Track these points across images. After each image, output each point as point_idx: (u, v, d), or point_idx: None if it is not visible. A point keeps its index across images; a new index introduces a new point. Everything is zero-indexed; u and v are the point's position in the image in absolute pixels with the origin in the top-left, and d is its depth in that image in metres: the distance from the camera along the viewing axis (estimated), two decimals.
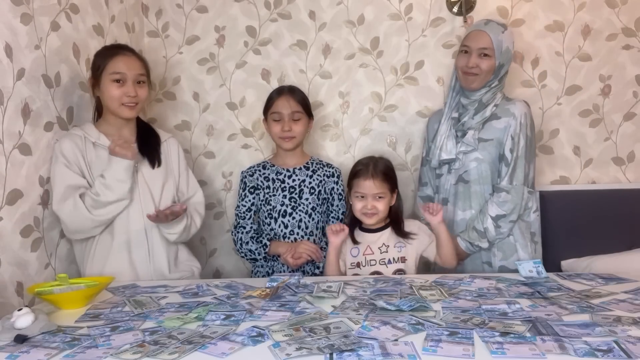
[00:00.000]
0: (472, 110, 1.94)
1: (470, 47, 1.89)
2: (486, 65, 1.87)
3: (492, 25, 1.90)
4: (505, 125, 1.89)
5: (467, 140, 1.91)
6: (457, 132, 1.96)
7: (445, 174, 1.99)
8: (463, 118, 1.95)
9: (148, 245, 1.77)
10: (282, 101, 2.00)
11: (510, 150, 1.88)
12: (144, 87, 1.78)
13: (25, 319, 1.17)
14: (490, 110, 1.92)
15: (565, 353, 0.97)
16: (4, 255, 1.51)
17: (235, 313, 1.26)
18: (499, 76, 1.92)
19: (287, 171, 2.05)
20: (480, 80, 1.89)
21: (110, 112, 1.76)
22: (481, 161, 1.91)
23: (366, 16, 2.40)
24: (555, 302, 1.29)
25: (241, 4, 2.44)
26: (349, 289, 1.47)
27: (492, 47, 1.86)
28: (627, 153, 2.36)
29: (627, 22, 2.30)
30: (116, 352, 1.04)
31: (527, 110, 1.92)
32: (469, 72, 1.89)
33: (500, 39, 1.87)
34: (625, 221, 2.21)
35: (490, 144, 1.90)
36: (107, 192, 1.65)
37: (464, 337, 1.06)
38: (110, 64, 1.71)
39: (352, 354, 0.99)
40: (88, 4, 1.98)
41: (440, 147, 1.96)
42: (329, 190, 2.06)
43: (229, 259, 2.53)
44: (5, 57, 1.53)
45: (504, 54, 1.88)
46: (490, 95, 1.93)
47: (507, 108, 1.91)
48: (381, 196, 1.77)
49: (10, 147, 1.55)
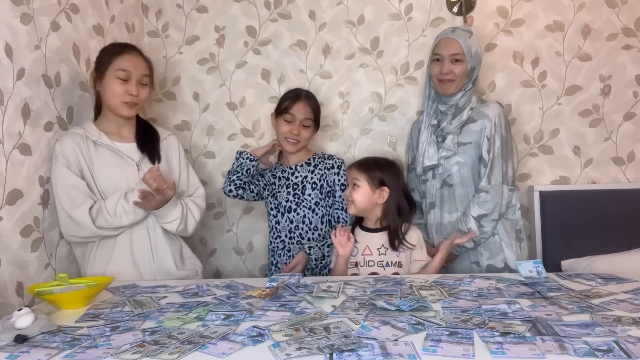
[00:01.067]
0: (450, 115, 2.00)
1: (442, 55, 1.96)
2: (459, 70, 1.95)
3: (458, 32, 1.98)
4: (480, 127, 1.95)
5: (447, 146, 1.98)
6: (438, 137, 2.02)
7: (430, 179, 2.05)
8: (442, 124, 2.01)
9: (151, 244, 1.77)
10: (299, 105, 2.07)
11: (487, 151, 1.93)
12: (145, 88, 1.79)
13: (25, 319, 1.17)
14: (466, 113, 1.98)
15: (565, 353, 0.97)
16: (4, 255, 1.51)
17: (235, 313, 1.26)
18: (472, 79, 1.99)
19: (290, 169, 2.12)
20: (456, 85, 1.97)
21: (110, 110, 1.76)
22: (462, 164, 1.97)
23: (366, 16, 2.40)
24: (555, 302, 1.28)
25: (241, 4, 2.44)
26: (349, 289, 1.47)
27: (462, 52, 1.94)
28: (627, 153, 2.36)
29: (627, 22, 2.31)
30: (116, 352, 1.03)
31: (501, 111, 1.98)
32: (443, 80, 1.96)
33: (469, 43, 1.95)
34: (625, 221, 2.21)
35: (469, 147, 1.96)
36: (123, 218, 1.67)
37: (464, 337, 1.06)
38: (117, 61, 1.72)
39: (352, 354, 0.99)
40: (88, 4, 1.98)
41: (422, 154, 2.03)
42: (331, 182, 2.10)
43: (229, 259, 2.54)
44: (5, 57, 1.53)
45: (474, 57, 1.97)
46: (465, 99, 1.99)
47: (482, 110, 1.97)
48: (356, 184, 1.79)
49: (10, 147, 1.55)
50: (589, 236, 2.20)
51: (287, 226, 2.09)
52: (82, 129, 1.74)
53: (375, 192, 1.80)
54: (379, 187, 1.80)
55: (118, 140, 1.78)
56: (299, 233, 2.08)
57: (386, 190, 1.80)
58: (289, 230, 2.09)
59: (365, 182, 1.79)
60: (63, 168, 1.67)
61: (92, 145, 1.73)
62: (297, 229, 2.08)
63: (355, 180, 1.80)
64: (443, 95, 2.01)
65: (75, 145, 1.69)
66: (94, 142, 1.73)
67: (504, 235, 1.97)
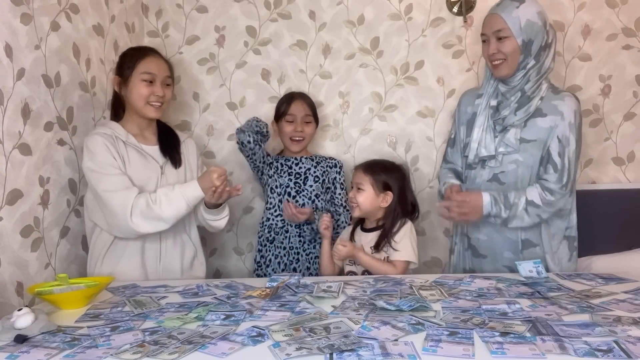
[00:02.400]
0: (515, 104, 1.75)
1: (487, 34, 1.76)
2: (508, 47, 1.71)
3: (503, 4, 1.73)
4: (551, 124, 1.71)
5: (508, 141, 1.75)
6: (496, 125, 1.78)
7: (478, 168, 1.82)
8: (503, 110, 1.77)
9: (160, 248, 1.78)
10: (296, 105, 2.15)
11: (559, 154, 1.70)
12: (169, 89, 1.83)
13: (25, 319, 1.17)
14: (535, 104, 1.73)
15: (565, 353, 0.97)
16: (4, 255, 1.51)
17: (235, 313, 1.26)
18: (533, 54, 1.71)
19: (295, 159, 2.19)
20: (508, 66, 1.73)
21: (135, 112, 1.78)
22: (521, 164, 1.75)
23: (366, 16, 2.40)
24: (555, 302, 1.29)
25: (241, 4, 2.44)
26: (349, 289, 1.47)
27: (506, 26, 1.69)
28: (627, 153, 2.36)
29: (627, 22, 2.30)
30: (116, 352, 1.04)
31: (577, 107, 1.73)
32: (494, 60, 1.75)
33: (515, 15, 1.69)
34: (625, 221, 2.21)
35: (533, 145, 1.73)
36: (164, 205, 1.65)
37: (464, 337, 1.06)
38: (140, 64, 1.75)
39: (352, 354, 0.99)
40: (88, 4, 1.98)
41: (478, 142, 1.79)
42: (332, 179, 2.20)
43: (229, 259, 2.53)
44: (5, 57, 1.53)
45: (526, 29, 1.69)
46: (532, 84, 1.74)
47: (555, 104, 1.72)
48: (360, 188, 1.79)
49: (10, 147, 1.55)
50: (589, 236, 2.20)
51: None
52: (109, 129, 1.75)
53: (379, 196, 1.80)
54: (383, 191, 1.80)
55: (142, 142, 1.80)
56: (298, 223, 2.08)
57: (390, 195, 1.80)
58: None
59: (369, 185, 1.80)
60: (105, 154, 1.66)
61: (122, 144, 1.73)
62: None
63: (360, 185, 1.81)
64: (500, 78, 1.78)
65: (107, 142, 1.69)
66: (124, 142, 1.74)
67: (546, 242, 1.78)
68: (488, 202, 1.71)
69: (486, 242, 1.83)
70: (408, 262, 1.76)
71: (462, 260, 1.93)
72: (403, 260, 1.75)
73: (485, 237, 1.83)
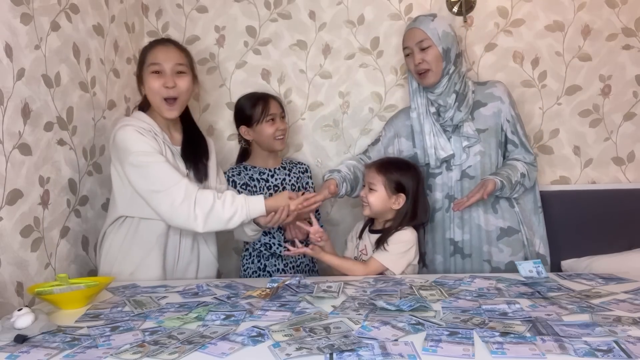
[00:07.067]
0: (455, 103, 1.88)
1: (410, 47, 1.88)
2: (431, 55, 1.85)
3: (419, 19, 1.90)
4: (494, 110, 1.91)
5: (467, 133, 1.89)
6: (446, 127, 1.92)
7: (445, 172, 1.94)
8: (446, 113, 1.90)
9: (180, 250, 1.76)
10: (270, 104, 2.07)
11: (512, 132, 1.93)
12: (184, 77, 1.69)
13: (25, 319, 1.17)
14: (471, 98, 1.90)
15: (565, 353, 0.97)
16: (4, 255, 1.51)
17: (235, 313, 1.26)
18: (452, 60, 1.87)
19: (269, 171, 2.12)
20: (434, 74, 1.86)
21: (155, 110, 1.72)
22: (484, 154, 1.90)
23: (366, 16, 2.40)
24: (555, 302, 1.28)
25: (241, 4, 2.44)
26: (349, 289, 1.47)
27: (427, 36, 1.84)
28: (627, 153, 2.36)
29: (627, 22, 2.30)
30: (116, 352, 1.03)
31: (508, 89, 1.96)
32: (420, 70, 1.87)
33: (433, 27, 1.85)
34: (625, 221, 2.21)
35: (488, 134, 1.90)
36: (227, 206, 1.57)
37: (464, 337, 1.06)
38: (148, 56, 1.69)
39: (352, 354, 0.99)
40: (88, 4, 1.98)
41: (434, 147, 1.91)
42: (304, 185, 2.18)
43: (229, 259, 2.53)
44: (5, 57, 1.53)
45: (444, 38, 1.85)
46: (460, 85, 1.89)
47: (489, 92, 1.93)
48: (372, 188, 1.76)
49: (10, 147, 1.55)
50: (589, 236, 2.20)
51: (267, 227, 1.95)
52: (141, 121, 1.66)
53: (392, 198, 1.75)
54: (395, 192, 1.75)
55: (171, 140, 1.75)
56: (279, 233, 2.06)
57: (402, 197, 1.75)
58: (268, 231, 2.05)
59: (381, 186, 1.75)
60: (147, 141, 1.58)
61: (152, 136, 1.64)
62: (274, 230, 2.05)
63: (372, 185, 1.76)
64: (427, 87, 1.91)
65: (140, 132, 1.60)
66: (154, 136, 1.65)
67: (527, 223, 1.95)
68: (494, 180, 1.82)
69: (469, 241, 1.93)
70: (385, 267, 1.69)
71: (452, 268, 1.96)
72: (379, 263, 1.68)
73: (468, 235, 1.92)
